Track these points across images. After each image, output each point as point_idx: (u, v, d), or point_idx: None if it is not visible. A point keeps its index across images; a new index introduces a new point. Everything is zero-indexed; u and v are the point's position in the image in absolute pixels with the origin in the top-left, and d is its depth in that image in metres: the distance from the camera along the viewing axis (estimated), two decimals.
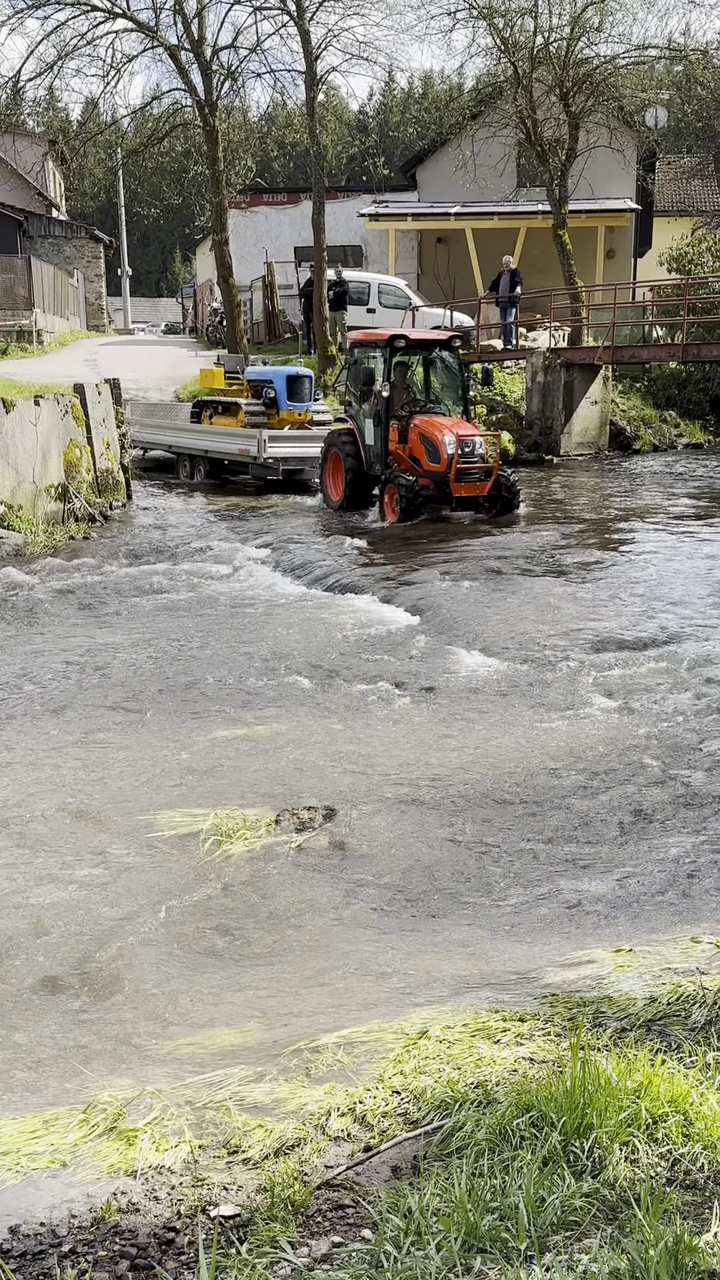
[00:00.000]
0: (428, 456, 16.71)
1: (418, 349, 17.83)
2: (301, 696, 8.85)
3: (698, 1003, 3.76)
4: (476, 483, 16.84)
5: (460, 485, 16.67)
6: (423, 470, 16.82)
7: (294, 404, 21.14)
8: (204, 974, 4.88)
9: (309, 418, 21.27)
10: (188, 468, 22.58)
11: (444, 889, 5.64)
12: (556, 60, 28.10)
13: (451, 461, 16.38)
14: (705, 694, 8.52)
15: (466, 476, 16.64)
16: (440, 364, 18.10)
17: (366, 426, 17.78)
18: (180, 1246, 2.87)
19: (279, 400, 21.04)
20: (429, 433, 16.73)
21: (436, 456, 16.57)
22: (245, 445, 20.25)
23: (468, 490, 16.82)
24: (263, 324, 35.17)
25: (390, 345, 17.23)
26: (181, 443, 22.50)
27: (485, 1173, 2.91)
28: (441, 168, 35.54)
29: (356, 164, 77.50)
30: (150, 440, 23.41)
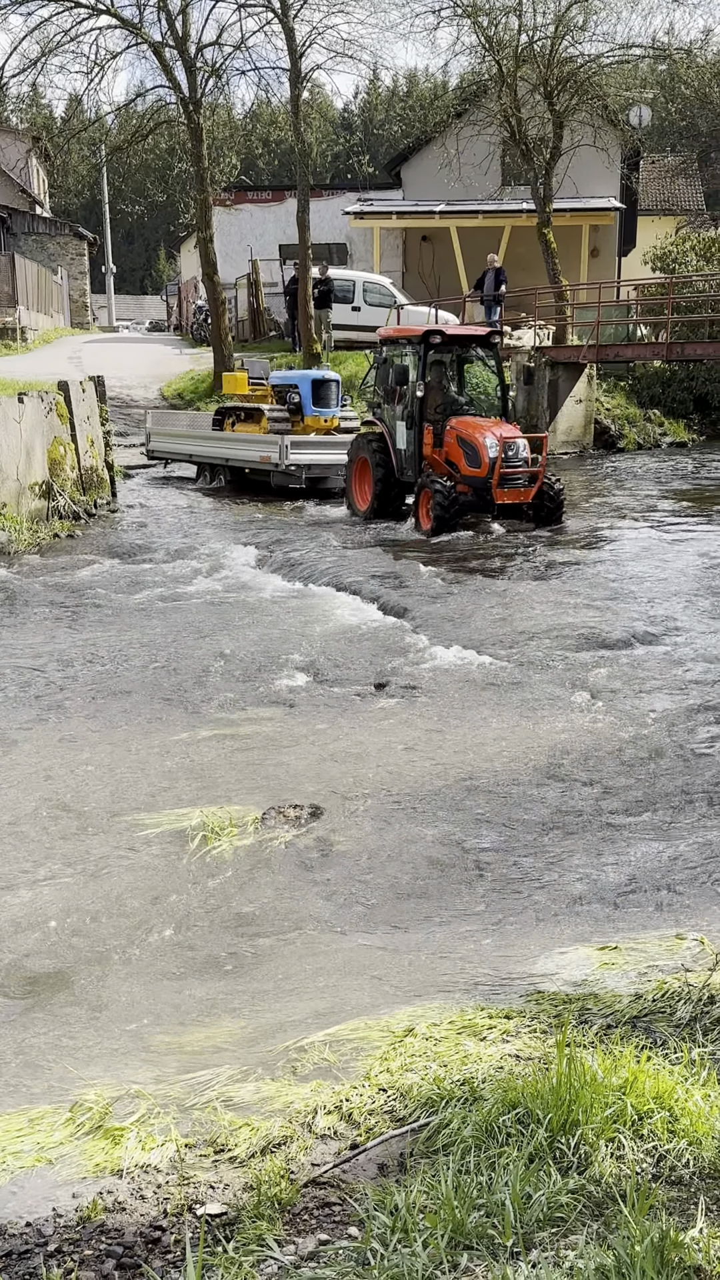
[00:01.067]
0: (466, 461, 15.53)
1: (454, 345, 16.56)
2: (287, 695, 8.84)
3: (683, 999, 3.77)
4: (521, 489, 15.57)
5: (503, 491, 15.42)
6: (461, 476, 15.62)
7: (320, 409, 20.18)
8: (189, 973, 4.88)
9: (336, 423, 20.32)
10: (208, 478, 21.91)
11: (430, 887, 5.65)
12: (541, 59, 28.13)
13: (494, 466, 15.18)
14: (690, 692, 8.55)
15: (510, 482, 15.41)
16: (478, 361, 17.02)
17: (398, 429, 16.54)
18: (166, 1245, 2.86)
19: (304, 405, 20.11)
20: (468, 435, 15.56)
21: (476, 460, 15.39)
22: (267, 452, 19.39)
23: (511, 497, 15.53)
24: (248, 322, 35.13)
25: (425, 341, 16.00)
26: (201, 451, 21.77)
27: (472, 1170, 2.92)
28: (426, 166, 35.56)
29: (341, 162, 77.42)
30: (169, 451, 22.72)
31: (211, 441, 21.39)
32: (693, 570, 13.08)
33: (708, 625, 10.58)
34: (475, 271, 30.59)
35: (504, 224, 34.02)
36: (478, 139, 29.94)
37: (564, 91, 28.32)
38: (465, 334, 17.01)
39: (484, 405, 16.79)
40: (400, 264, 37.49)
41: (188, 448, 22.17)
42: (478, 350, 16.74)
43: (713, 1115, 3.05)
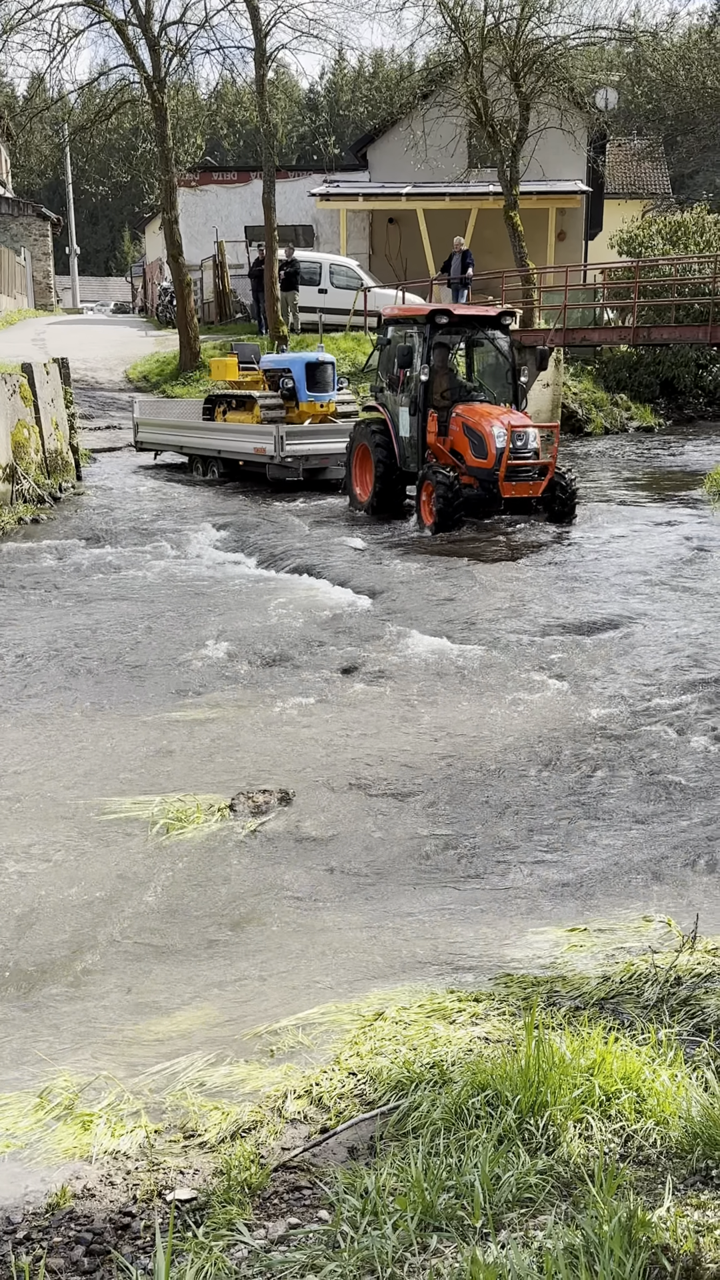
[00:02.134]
0: (472, 451, 14.56)
1: (462, 326, 15.50)
2: (256, 680, 8.83)
3: (650, 981, 3.80)
4: (530, 482, 14.55)
5: (511, 485, 14.41)
6: (466, 467, 14.67)
7: (315, 394, 18.86)
8: (157, 959, 4.87)
9: (333, 409, 19.08)
10: (200, 470, 20.76)
11: (400, 871, 5.66)
12: (507, 40, 28.05)
13: (501, 456, 14.18)
14: (660, 678, 8.59)
15: (518, 474, 14.39)
16: (488, 344, 15.84)
17: (400, 416, 15.57)
18: (136, 1231, 2.86)
19: (298, 391, 18.81)
20: (474, 423, 14.57)
21: (483, 451, 14.40)
22: (261, 443, 18.22)
23: (519, 490, 14.52)
24: (213, 304, 34.94)
25: (430, 322, 15.05)
26: (192, 443, 20.65)
27: (441, 1152, 2.93)
28: (392, 148, 35.43)
29: (307, 143, 77.03)
30: (158, 442, 21.78)
31: (202, 432, 20.30)
32: (664, 555, 13.14)
33: (677, 611, 10.63)
34: (442, 254, 30.54)
35: (471, 206, 33.96)
36: (444, 121, 29.86)
37: (530, 73, 28.26)
38: (474, 314, 15.93)
39: (493, 391, 15.76)
40: (367, 246, 37.37)
41: (177, 438, 21.10)
42: (487, 332, 15.68)
43: (679, 1095, 3.07)
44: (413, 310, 16.30)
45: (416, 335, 15.32)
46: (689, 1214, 2.63)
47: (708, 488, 17.58)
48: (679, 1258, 2.46)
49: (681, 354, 27.83)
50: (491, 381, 15.86)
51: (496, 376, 15.86)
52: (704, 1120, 2.95)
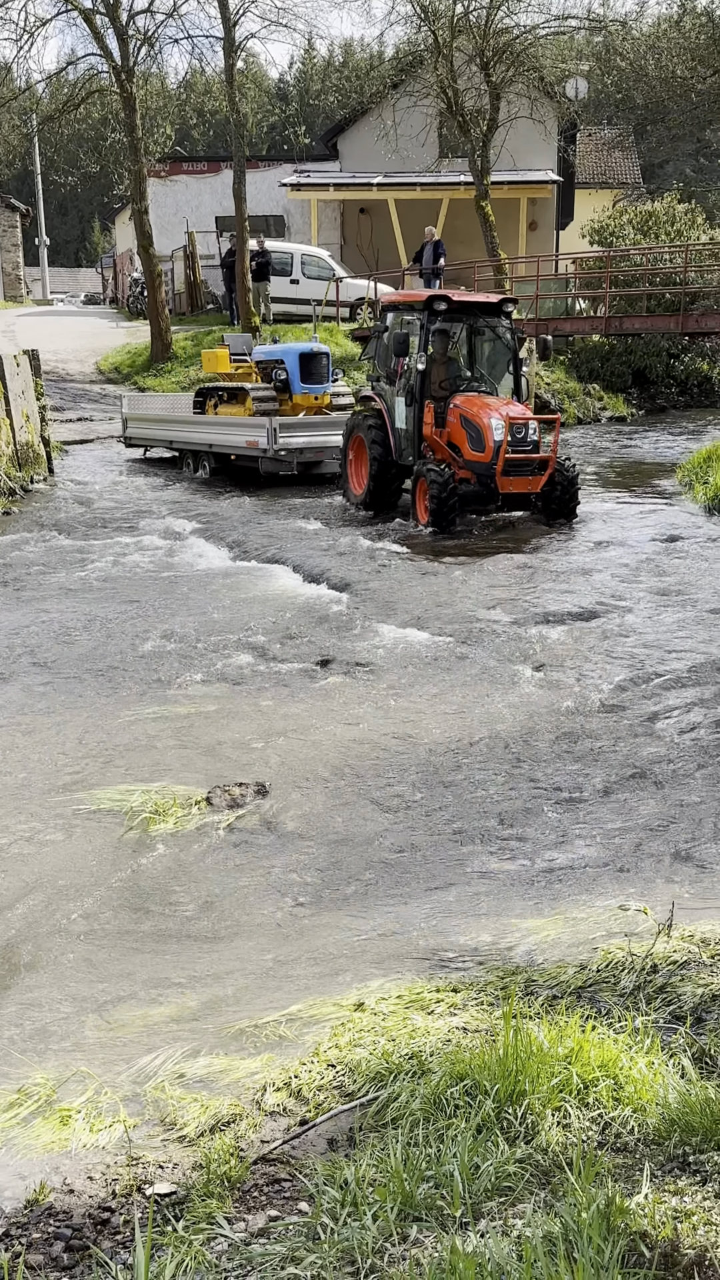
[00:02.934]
0: (470, 444, 13.99)
1: (463, 314, 14.87)
2: (231, 672, 8.81)
3: (626, 969, 3.82)
4: (529, 476, 13.96)
5: (509, 479, 13.83)
6: (463, 460, 14.11)
7: (309, 386, 18.23)
8: (134, 953, 4.86)
9: (328, 401, 18.43)
10: (190, 466, 20.08)
11: (377, 863, 5.66)
12: (476, 29, 28.04)
13: (498, 450, 13.62)
14: (632, 666, 8.63)
15: (517, 468, 13.81)
16: (490, 332, 15.22)
17: (397, 407, 15.05)
18: (116, 1226, 2.86)
19: (291, 382, 18.16)
20: (472, 414, 14.02)
21: (480, 444, 13.81)
22: (253, 436, 17.61)
23: (518, 486, 13.94)
24: (184, 294, 34.80)
25: (429, 309, 14.47)
26: (181, 437, 20.05)
27: (420, 1142, 2.94)
28: (363, 137, 35.36)
29: (277, 133, 76.73)
30: (147, 437, 21.21)
31: (192, 426, 19.67)
32: (638, 547, 13.18)
33: (652, 601, 10.67)
34: (414, 244, 30.50)
35: (442, 196, 33.94)
36: (414, 110, 29.83)
37: (500, 63, 28.27)
38: (474, 301, 15.29)
39: (494, 381, 15.13)
40: (338, 236, 37.29)
41: (167, 433, 20.54)
42: (489, 320, 15.06)
43: (656, 1082, 3.09)
44: (410, 296, 15.72)
45: (414, 323, 14.75)
46: (667, 1200, 2.65)
47: (679, 478, 17.65)
48: (657, 1244, 2.48)
49: (653, 344, 27.91)
50: (492, 371, 15.25)
51: (497, 366, 15.25)
52: (681, 1107, 2.97)
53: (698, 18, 28.64)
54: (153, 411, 21.44)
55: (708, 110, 23.49)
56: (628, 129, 41.97)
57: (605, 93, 37.62)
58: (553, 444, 14.10)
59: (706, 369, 28.76)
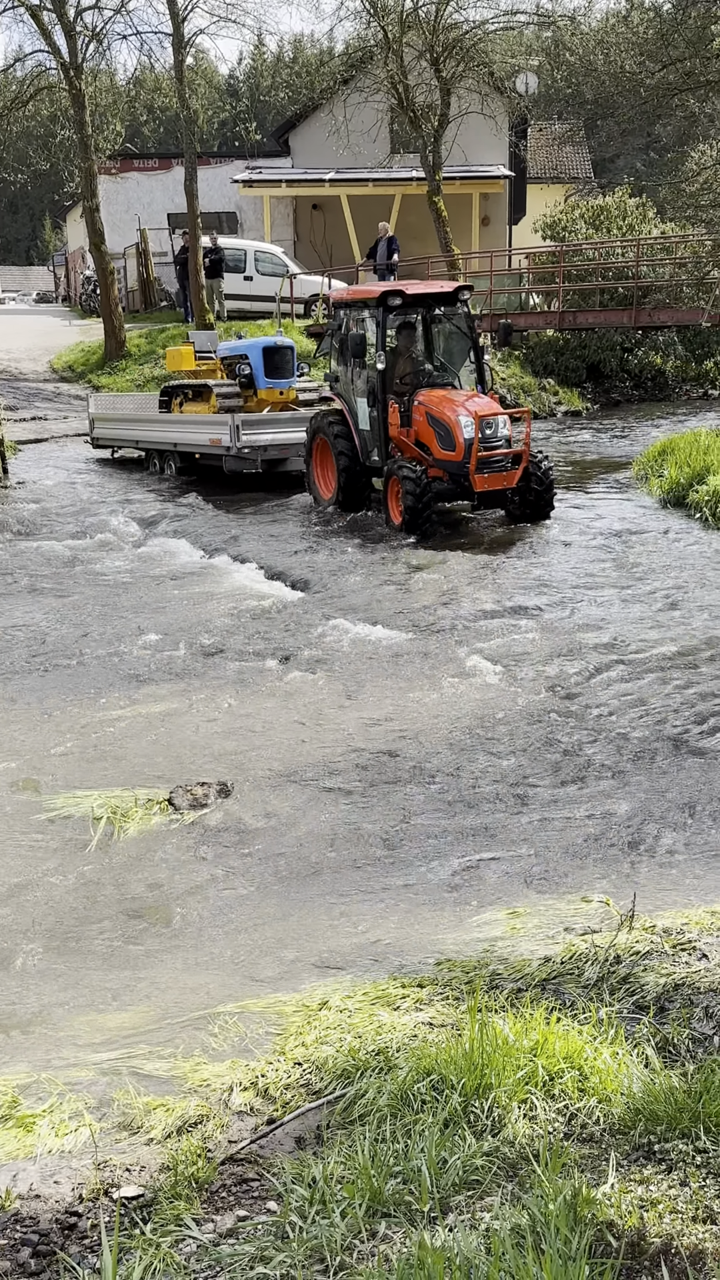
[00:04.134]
0: (439, 443, 13.46)
1: (417, 305, 14.27)
2: (191, 671, 8.77)
3: (590, 960, 3.84)
4: (503, 472, 13.49)
5: (483, 477, 13.34)
6: (434, 459, 13.54)
7: (274, 381, 17.75)
8: (97, 957, 4.83)
9: (294, 396, 17.97)
10: (156, 466, 19.66)
11: (341, 860, 5.66)
12: (426, 25, 28.04)
13: (470, 448, 13.12)
14: (589, 660, 8.67)
15: (490, 465, 13.34)
16: (447, 322, 14.64)
17: (359, 407, 14.48)
18: (83, 1230, 2.85)
19: (255, 378, 17.71)
20: (439, 412, 13.49)
21: (450, 442, 13.32)
22: (216, 434, 17.12)
23: (493, 483, 13.46)
24: (138, 292, 34.60)
25: (383, 304, 13.81)
26: (146, 436, 19.64)
27: (388, 1138, 2.95)
28: (315, 133, 35.27)
29: (229, 129, 76.42)
30: (115, 438, 20.74)
31: (157, 425, 19.32)
32: (596, 539, 13.25)
33: (610, 595, 10.74)
34: (367, 240, 30.48)
35: (394, 192, 33.93)
36: (366, 106, 29.77)
37: (450, 58, 28.29)
38: (428, 292, 14.64)
39: (456, 373, 14.60)
40: (291, 233, 37.20)
41: (134, 433, 20.10)
42: (445, 309, 14.47)
43: (621, 1072, 3.12)
44: (363, 292, 15.04)
45: (369, 319, 14.19)
46: (633, 1189, 2.67)
47: (635, 472, 17.75)
48: (624, 1233, 2.50)
49: (607, 338, 28.05)
50: (453, 362, 14.70)
51: (458, 356, 14.73)
52: (645, 1096, 3.00)
53: (645, 12, 28.79)
54: (120, 411, 21.01)
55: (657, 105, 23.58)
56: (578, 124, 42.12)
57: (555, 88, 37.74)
58: (525, 437, 13.70)
59: (659, 362, 28.94)
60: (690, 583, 10.83)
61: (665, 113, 25.25)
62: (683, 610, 9.98)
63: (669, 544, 12.65)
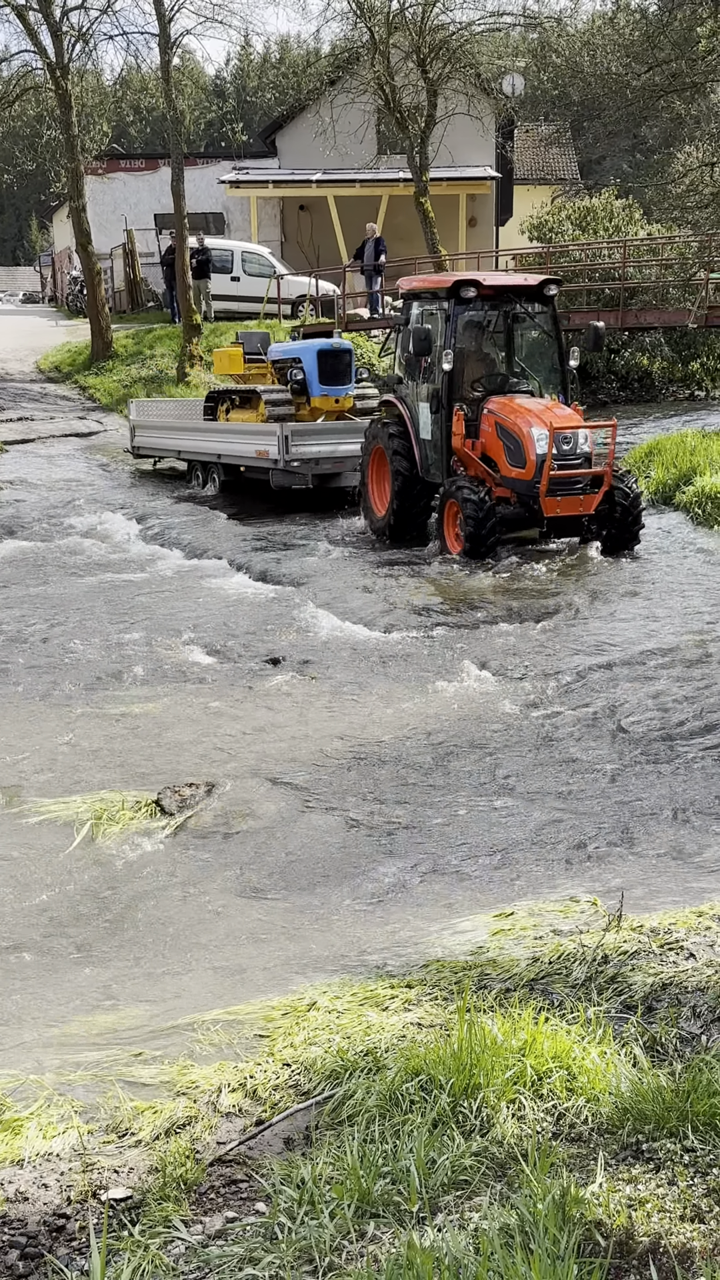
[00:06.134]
0: (508, 458, 11.83)
1: (496, 300, 12.56)
2: (179, 673, 8.76)
3: (578, 960, 3.85)
4: (580, 496, 11.69)
5: (556, 500, 11.59)
6: (500, 477, 11.94)
7: (329, 388, 16.17)
8: (85, 959, 4.82)
9: (350, 404, 16.32)
10: (199, 480, 17.96)
11: (326, 861, 5.66)
12: (413, 26, 28.05)
13: (541, 464, 11.44)
14: (574, 661, 8.69)
15: (564, 486, 11.59)
16: (528, 321, 12.87)
17: (420, 413, 12.85)
18: (71, 1233, 2.84)
19: (309, 384, 16.17)
20: (510, 423, 11.84)
21: (519, 457, 11.68)
22: (263, 445, 15.47)
23: (567, 508, 11.65)
24: (124, 292, 34.56)
25: (455, 295, 12.21)
26: (188, 446, 17.97)
27: (376, 1138, 2.95)
28: (301, 134, 35.26)
29: (215, 130, 76.32)
30: (156, 447, 19.12)
31: (199, 434, 17.72)
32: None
33: (598, 600, 10.74)
34: (354, 241, 30.48)
35: (381, 193, 33.93)
36: (352, 107, 29.77)
37: (437, 59, 28.29)
38: (509, 285, 12.89)
39: (535, 379, 12.90)
40: (279, 233, 37.18)
41: (175, 442, 18.39)
42: (526, 306, 12.69)
43: (609, 1072, 3.12)
44: (433, 281, 13.42)
45: (439, 312, 12.56)
46: (621, 1189, 2.68)
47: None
48: (612, 1232, 2.50)
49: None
50: (533, 368, 12.98)
51: (539, 361, 13.02)
52: (633, 1095, 3.00)
53: (631, 14, 28.87)
54: (162, 418, 19.49)
55: (643, 106, 23.66)
56: (564, 125, 42.18)
57: (541, 89, 37.79)
58: (608, 455, 12.01)
59: (646, 363, 29.00)
60: (685, 584, 10.79)
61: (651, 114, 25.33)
62: (671, 610, 9.99)
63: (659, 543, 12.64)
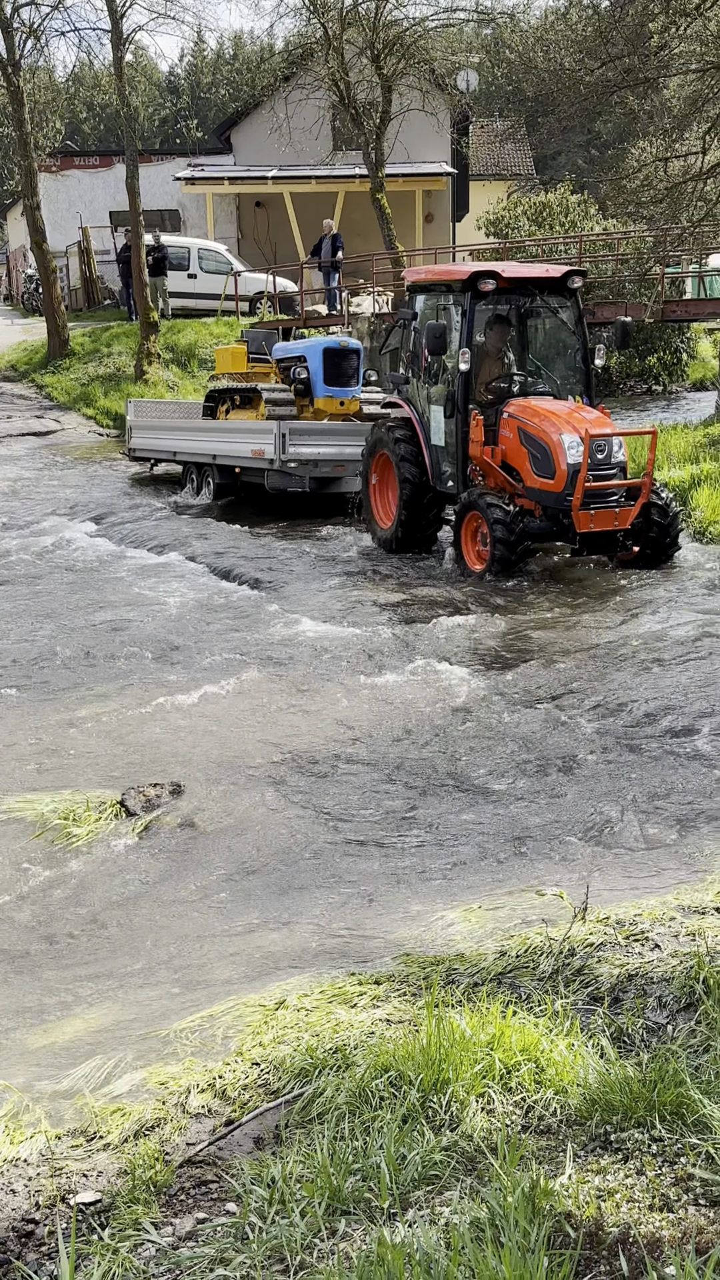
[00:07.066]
0: (533, 466, 10.89)
1: (515, 293, 11.60)
2: (144, 671, 8.72)
3: (545, 953, 3.86)
4: (616, 510, 10.73)
5: (588, 514, 10.59)
6: (524, 488, 11.01)
7: (334, 389, 15.47)
8: (51, 963, 4.79)
9: (356, 408, 15.58)
10: (195, 481, 17.06)
11: (294, 860, 5.65)
12: (366, 21, 28.04)
13: (574, 475, 10.48)
14: (537, 654, 8.73)
15: (599, 499, 10.65)
16: (551, 316, 11.95)
17: (433, 417, 11.92)
18: (40, 1238, 2.82)
19: (313, 384, 15.46)
20: (536, 428, 10.89)
21: (548, 467, 10.74)
22: (259, 444, 14.82)
23: (601, 522, 10.66)
24: (80, 290, 34.36)
25: (472, 288, 11.26)
26: (183, 447, 17.23)
27: (346, 1136, 2.94)
28: (256, 130, 35.18)
29: (170, 126, 75.95)
30: (153, 448, 18.36)
31: (195, 434, 17.03)
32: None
33: (559, 597, 10.78)
34: (311, 237, 30.45)
35: (338, 189, 33.92)
36: (307, 103, 29.74)
37: (391, 55, 28.30)
38: (531, 276, 11.86)
39: (556, 380, 12.02)
40: (235, 230, 37.09)
41: (171, 442, 17.69)
42: (549, 300, 11.75)
43: (577, 1064, 3.14)
44: (447, 273, 12.33)
45: (453, 307, 11.65)
46: (590, 1180, 2.69)
47: None
48: (582, 1224, 2.51)
49: None
50: (554, 367, 12.13)
51: (560, 360, 12.15)
52: (601, 1086, 3.02)
53: (584, 9, 28.96)
54: (161, 418, 18.72)
55: (597, 102, 23.74)
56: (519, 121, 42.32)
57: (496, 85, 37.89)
58: (647, 465, 10.99)
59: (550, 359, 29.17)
60: (650, 581, 10.79)
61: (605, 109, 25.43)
62: (635, 605, 10.05)
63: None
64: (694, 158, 24.96)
